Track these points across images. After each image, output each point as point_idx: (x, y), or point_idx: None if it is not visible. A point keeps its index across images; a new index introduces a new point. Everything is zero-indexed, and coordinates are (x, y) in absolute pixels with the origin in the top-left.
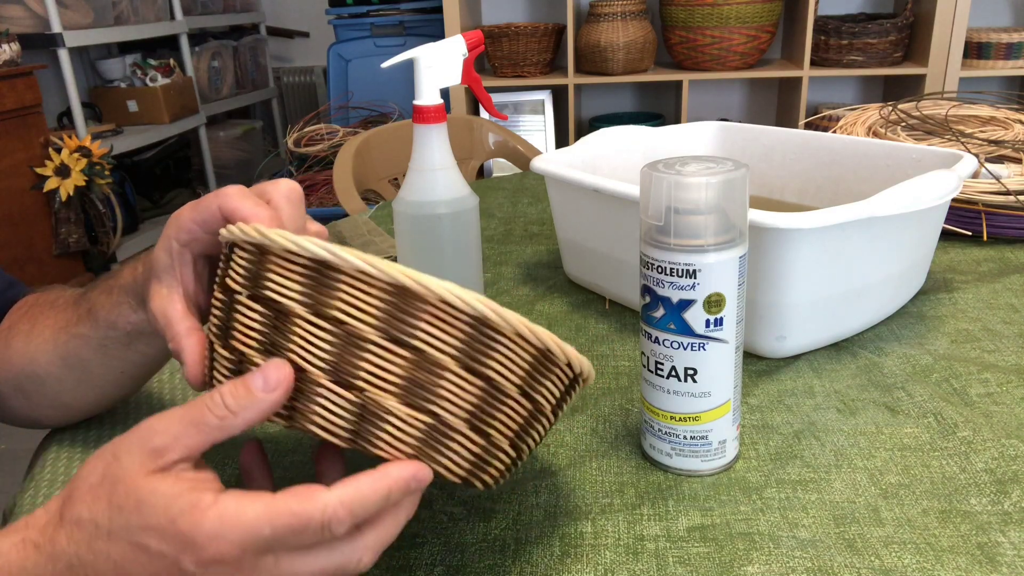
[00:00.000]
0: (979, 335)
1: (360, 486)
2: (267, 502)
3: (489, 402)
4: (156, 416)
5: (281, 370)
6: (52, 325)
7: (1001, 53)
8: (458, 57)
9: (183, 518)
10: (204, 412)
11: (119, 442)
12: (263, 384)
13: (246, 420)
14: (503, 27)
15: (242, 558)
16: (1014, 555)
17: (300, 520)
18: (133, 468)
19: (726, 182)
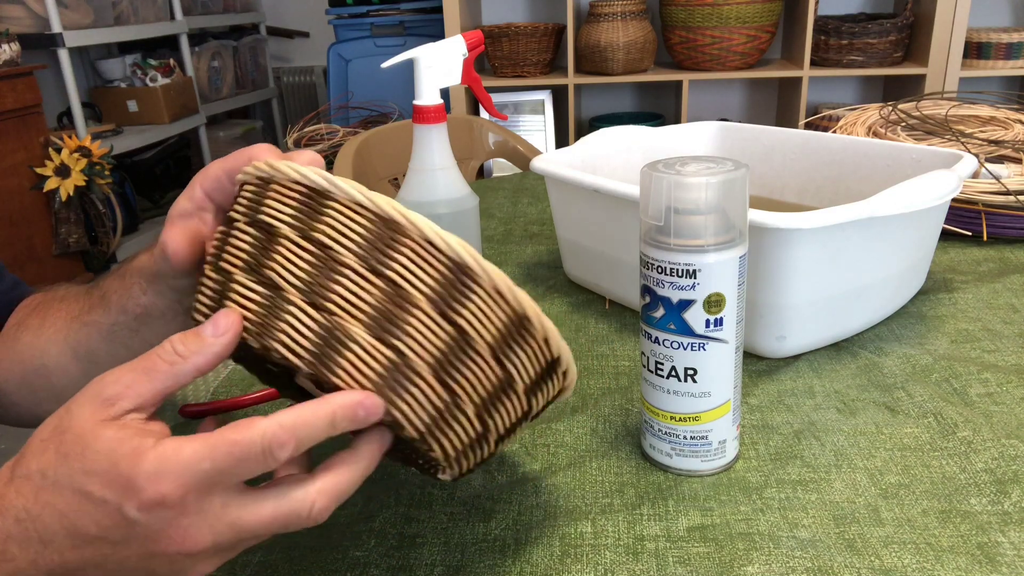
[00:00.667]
0: (979, 335)
1: (302, 410)
2: (205, 437)
3: (457, 354)
4: (110, 372)
5: (230, 316)
6: (64, 316)
7: (1001, 53)
8: (458, 57)
9: (124, 461)
10: (154, 359)
11: (74, 397)
12: (212, 330)
13: (196, 365)
14: (503, 27)
15: (185, 498)
16: (1014, 555)
17: (240, 447)
18: (83, 417)
19: (726, 182)
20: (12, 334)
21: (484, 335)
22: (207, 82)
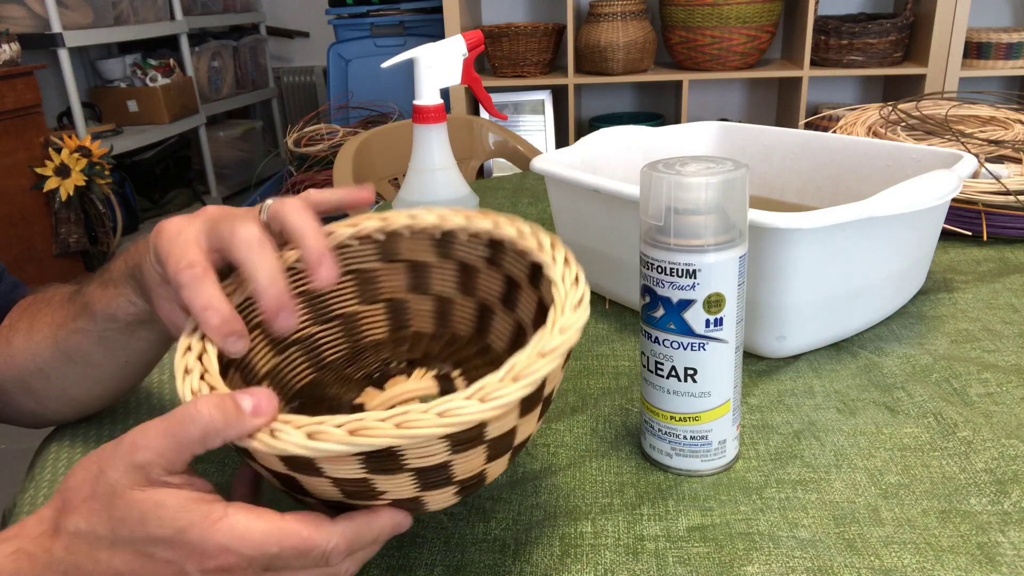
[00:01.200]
0: (979, 335)
1: (359, 526)
2: (276, 522)
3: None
4: (139, 429)
5: (272, 403)
6: (50, 322)
7: (1001, 53)
8: (458, 57)
9: (193, 529)
10: (188, 428)
11: (103, 456)
12: (253, 409)
13: (227, 438)
14: (503, 27)
15: (246, 570)
16: (1014, 555)
17: (306, 545)
18: (123, 483)
19: (726, 182)
20: (5, 335)
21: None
22: (207, 82)
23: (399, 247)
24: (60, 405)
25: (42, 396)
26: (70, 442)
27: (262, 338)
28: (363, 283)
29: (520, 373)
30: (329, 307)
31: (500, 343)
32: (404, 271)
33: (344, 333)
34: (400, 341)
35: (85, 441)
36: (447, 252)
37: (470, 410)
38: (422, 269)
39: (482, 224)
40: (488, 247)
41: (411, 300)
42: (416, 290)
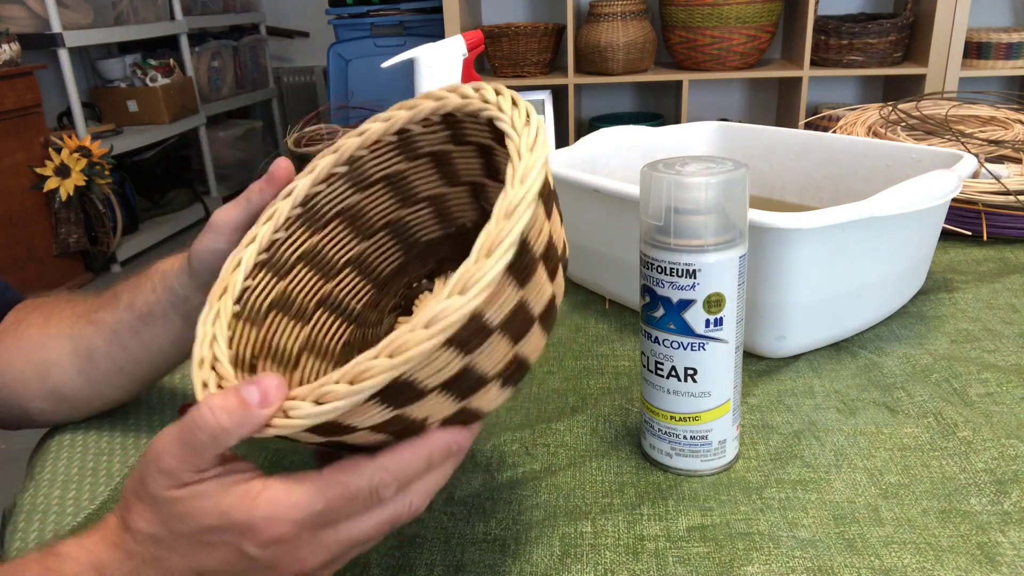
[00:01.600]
0: (979, 335)
1: (403, 453)
2: (314, 479)
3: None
4: (160, 436)
5: (281, 389)
6: (71, 314)
7: (1001, 53)
8: (458, 57)
9: (235, 510)
10: (197, 436)
11: (141, 464)
12: (260, 400)
13: (240, 436)
14: (503, 27)
15: (300, 535)
16: (1014, 555)
17: (349, 491)
18: (159, 488)
19: (726, 182)
20: (13, 331)
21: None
22: (207, 82)
23: (367, 169)
24: (46, 404)
25: (31, 391)
26: (70, 442)
27: (282, 315)
28: (352, 220)
29: (492, 244)
30: (333, 258)
31: None
32: (384, 190)
33: (360, 276)
34: (418, 259)
35: (85, 442)
36: (413, 152)
37: (455, 306)
38: (399, 180)
39: (425, 105)
40: (444, 127)
41: (406, 214)
42: (406, 203)
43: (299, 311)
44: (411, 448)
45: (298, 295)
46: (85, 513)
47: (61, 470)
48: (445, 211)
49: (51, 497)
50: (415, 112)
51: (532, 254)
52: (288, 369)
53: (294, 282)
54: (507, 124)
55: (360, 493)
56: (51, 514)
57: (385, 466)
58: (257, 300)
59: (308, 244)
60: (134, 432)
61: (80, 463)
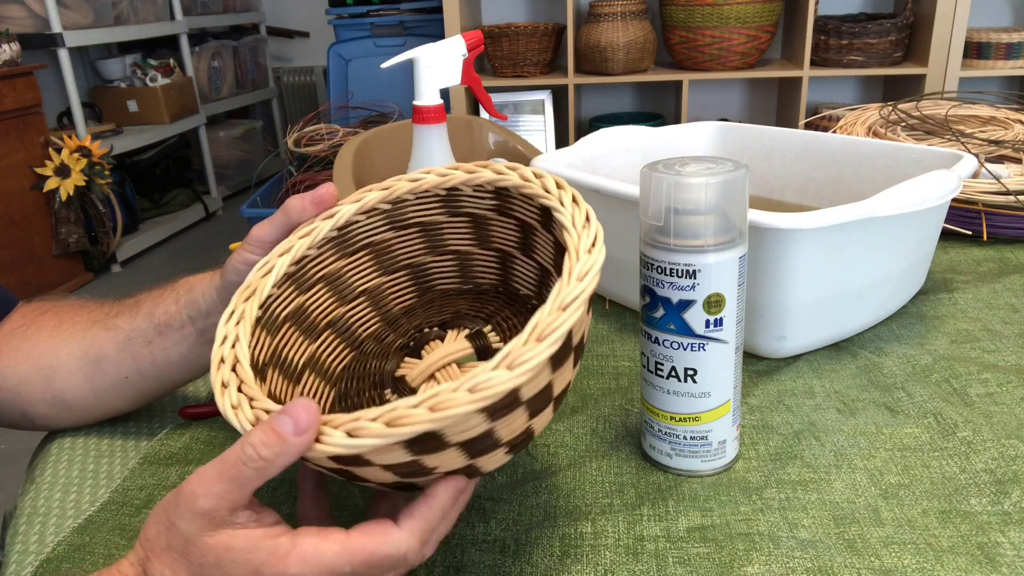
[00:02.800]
0: (979, 335)
1: (423, 514)
2: (343, 542)
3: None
4: (196, 477)
5: (311, 412)
6: (86, 319)
7: (1001, 53)
8: (458, 57)
9: (266, 568)
10: (240, 468)
11: (169, 507)
12: (294, 429)
13: (282, 465)
14: (503, 27)
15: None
16: (1014, 555)
17: (377, 558)
18: (193, 532)
19: (726, 182)
20: (21, 333)
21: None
22: (207, 82)
23: (407, 212)
24: (49, 409)
25: (35, 395)
26: (70, 445)
27: (295, 329)
28: (378, 255)
29: (544, 332)
30: (352, 285)
31: (525, 288)
32: (417, 235)
33: (372, 307)
34: (429, 304)
35: (86, 445)
36: (455, 208)
37: (500, 380)
38: (434, 229)
39: (485, 175)
40: (494, 196)
41: (430, 261)
42: (433, 251)
43: (310, 327)
44: (428, 507)
45: (312, 312)
46: (86, 516)
47: (62, 473)
48: (468, 268)
49: (52, 500)
50: (471, 178)
51: (570, 345)
52: (291, 382)
53: (312, 299)
54: (567, 219)
55: (387, 560)
56: (52, 517)
57: (412, 531)
58: (277, 309)
59: (333, 267)
60: (135, 435)
61: (80, 466)
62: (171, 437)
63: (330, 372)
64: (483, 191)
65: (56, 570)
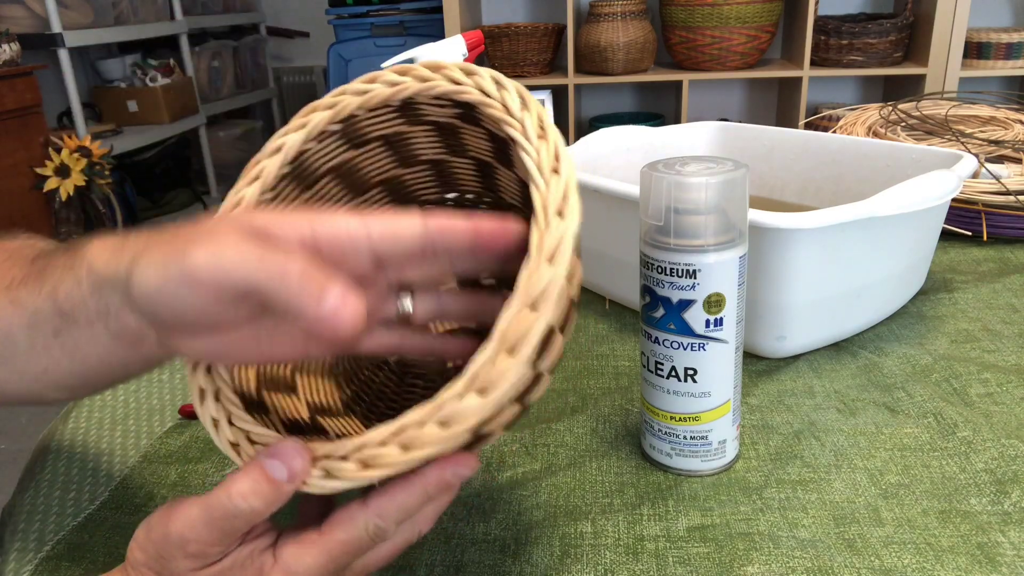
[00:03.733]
0: (979, 335)
1: (396, 495)
2: (317, 542)
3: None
4: (185, 520)
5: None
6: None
7: (1001, 53)
8: (458, 57)
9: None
10: (231, 521)
11: (158, 543)
12: (287, 476)
13: (272, 511)
14: (503, 27)
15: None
16: (1014, 555)
17: (351, 545)
18: (184, 570)
19: (726, 182)
20: None
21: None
22: (207, 82)
23: (362, 128)
24: None
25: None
26: (70, 443)
27: None
28: (344, 177)
29: (515, 341)
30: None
31: (511, 198)
32: (381, 149)
33: None
34: None
35: (85, 442)
36: (416, 118)
37: (472, 410)
38: (399, 141)
39: (441, 85)
40: (457, 107)
41: (404, 174)
42: (404, 163)
43: None
44: (405, 489)
45: None
46: (85, 514)
47: (61, 471)
48: (447, 177)
49: (51, 498)
50: (425, 87)
51: (552, 332)
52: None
53: None
54: (532, 165)
55: (361, 542)
56: (51, 515)
57: (379, 512)
58: None
59: (296, 203)
60: (134, 434)
61: (80, 464)
62: (171, 436)
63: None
64: (443, 100)
65: (56, 568)
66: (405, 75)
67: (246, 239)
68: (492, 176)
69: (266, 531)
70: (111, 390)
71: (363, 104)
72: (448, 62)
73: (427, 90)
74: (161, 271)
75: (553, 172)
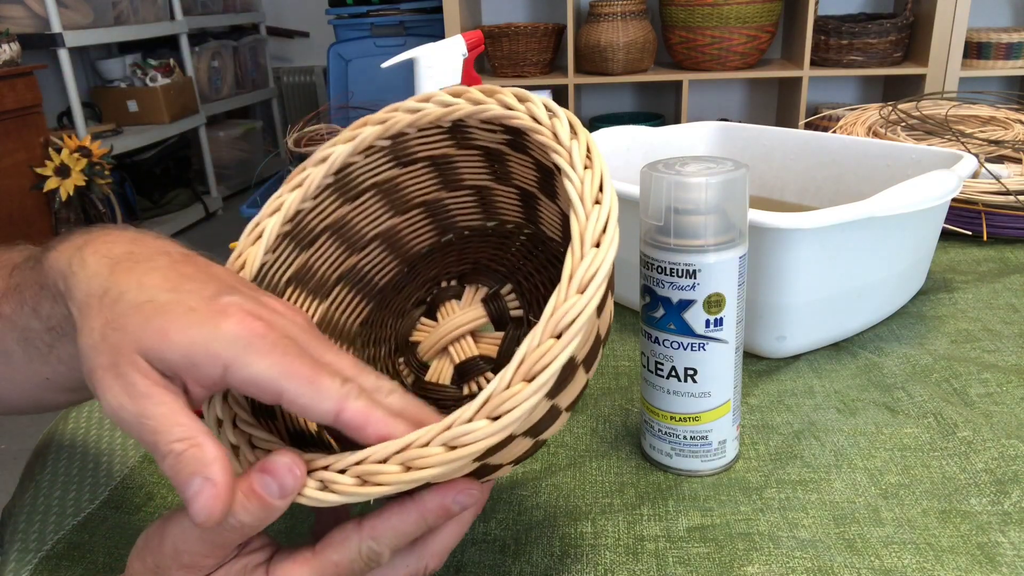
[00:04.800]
0: (979, 335)
1: (390, 519)
2: (309, 561)
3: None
4: (177, 528)
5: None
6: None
7: (1001, 53)
8: (458, 57)
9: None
10: (222, 534)
11: (155, 552)
12: (279, 492)
13: (264, 525)
14: (503, 27)
15: None
16: (1014, 555)
17: (344, 567)
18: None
19: (726, 182)
20: None
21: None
22: (207, 82)
23: (411, 147)
24: None
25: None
26: (70, 442)
27: (300, 291)
28: (387, 194)
29: (533, 369)
30: (361, 231)
31: (552, 231)
32: (427, 169)
33: (388, 251)
34: (448, 248)
35: (85, 441)
36: (465, 141)
37: (481, 435)
38: (445, 163)
39: (492, 110)
40: (506, 131)
41: (446, 197)
42: (448, 187)
43: (319, 285)
44: (401, 512)
45: (319, 268)
46: (85, 513)
47: (61, 470)
48: (490, 204)
49: (51, 498)
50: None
51: (575, 365)
52: None
53: (317, 254)
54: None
55: (354, 564)
56: (51, 515)
57: (373, 535)
58: (276, 275)
59: (337, 215)
60: None
61: (80, 463)
62: None
63: (346, 330)
64: (493, 125)
65: (56, 568)
66: (458, 97)
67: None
68: (535, 207)
69: (263, 546)
70: None
71: (414, 122)
72: (503, 88)
73: (478, 113)
74: (188, 347)
75: (596, 203)
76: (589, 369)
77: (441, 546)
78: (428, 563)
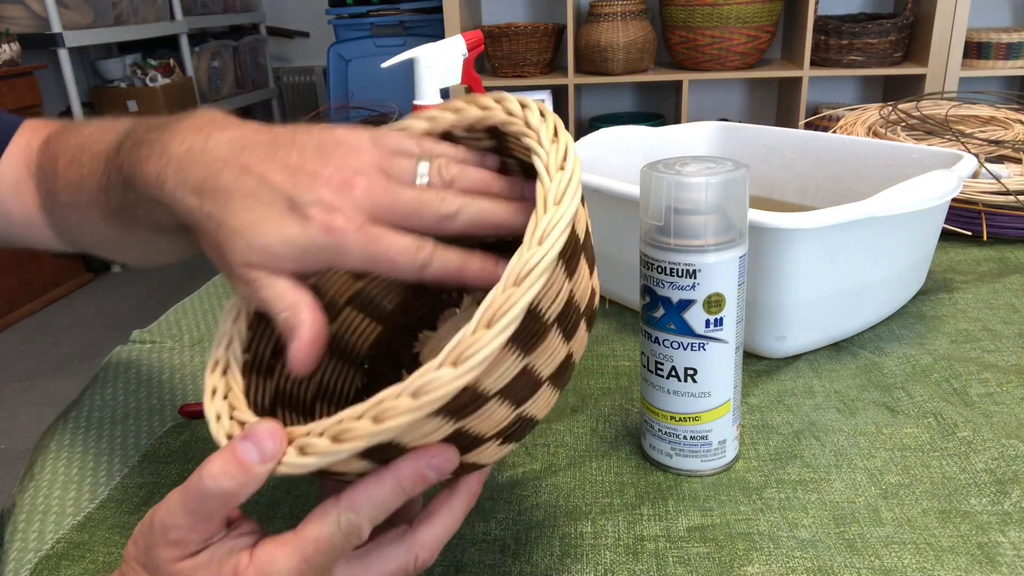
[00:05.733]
0: (979, 335)
1: (366, 487)
2: (291, 541)
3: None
4: (165, 507)
5: (278, 440)
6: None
7: (1001, 53)
8: (458, 57)
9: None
10: (204, 502)
11: (146, 533)
12: (259, 457)
13: (248, 493)
14: (503, 27)
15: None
16: (1014, 555)
17: (324, 543)
18: (165, 559)
19: (726, 182)
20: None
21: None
22: (207, 82)
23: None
24: (66, 244)
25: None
26: (70, 441)
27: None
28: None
29: (495, 315)
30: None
31: None
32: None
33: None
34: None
35: (85, 441)
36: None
37: (444, 380)
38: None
39: (472, 113)
40: (489, 136)
41: None
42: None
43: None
44: (376, 480)
45: (327, 292)
46: (85, 513)
47: (61, 470)
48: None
49: (51, 497)
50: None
51: (543, 320)
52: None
53: (325, 278)
54: (541, 162)
55: (334, 539)
56: (51, 514)
57: (351, 505)
58: None
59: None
60: (134, 433)
61: (80, 463)
62: (171, 435)
63: (355, 352)
64: (477, 131)
65: (56, 567)
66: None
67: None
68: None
69: (250, 532)
70: (111, 390)
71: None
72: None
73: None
74: (282, 260)
75: (559, 169)
76: (568, 336)
77: (431, 537)
78: (419, 554)
